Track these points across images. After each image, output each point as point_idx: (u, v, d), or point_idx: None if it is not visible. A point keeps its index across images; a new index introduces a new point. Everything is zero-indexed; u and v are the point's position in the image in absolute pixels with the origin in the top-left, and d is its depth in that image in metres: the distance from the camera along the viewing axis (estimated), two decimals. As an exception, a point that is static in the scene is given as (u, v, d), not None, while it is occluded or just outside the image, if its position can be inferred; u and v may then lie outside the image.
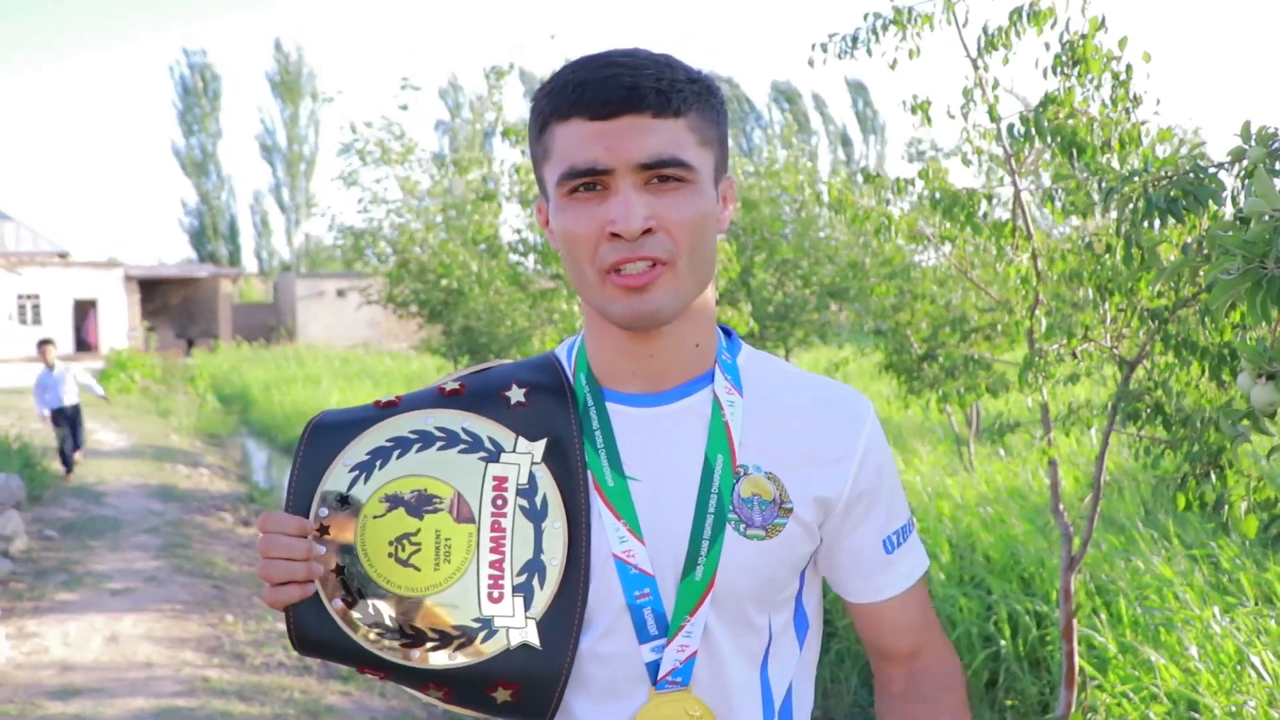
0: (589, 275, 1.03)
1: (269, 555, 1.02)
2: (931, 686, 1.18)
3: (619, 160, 0.98)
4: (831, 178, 5.89)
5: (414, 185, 9.14)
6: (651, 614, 1.06)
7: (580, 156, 0.99)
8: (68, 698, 4.36)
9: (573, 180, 1.00)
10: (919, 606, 1.18)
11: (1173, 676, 3.40)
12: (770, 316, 7.86)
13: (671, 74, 1.01)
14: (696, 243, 1.02)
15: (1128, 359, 2.98)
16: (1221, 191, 1.94)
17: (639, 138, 0.98)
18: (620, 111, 0.98)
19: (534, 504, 1.07)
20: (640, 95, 0.98)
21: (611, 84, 0.98)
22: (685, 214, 1.01)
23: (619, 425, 1.10)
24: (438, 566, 1.06)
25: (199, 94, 46.27)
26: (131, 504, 8.80)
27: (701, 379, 1.11)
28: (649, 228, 0.99)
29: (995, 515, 5.23)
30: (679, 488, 1.08)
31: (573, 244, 1.02)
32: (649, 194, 1.00)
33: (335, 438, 1.10)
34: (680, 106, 1.00)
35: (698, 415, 1.10)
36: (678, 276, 1.02)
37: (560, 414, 1.11)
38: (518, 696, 1.07)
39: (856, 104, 52.41)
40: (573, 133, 1.00)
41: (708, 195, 1.03)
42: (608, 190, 1.00)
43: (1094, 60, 2.78)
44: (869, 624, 1.18)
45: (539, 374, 1.14)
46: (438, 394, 1.13)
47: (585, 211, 1.01)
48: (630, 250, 1.00)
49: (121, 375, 20.48)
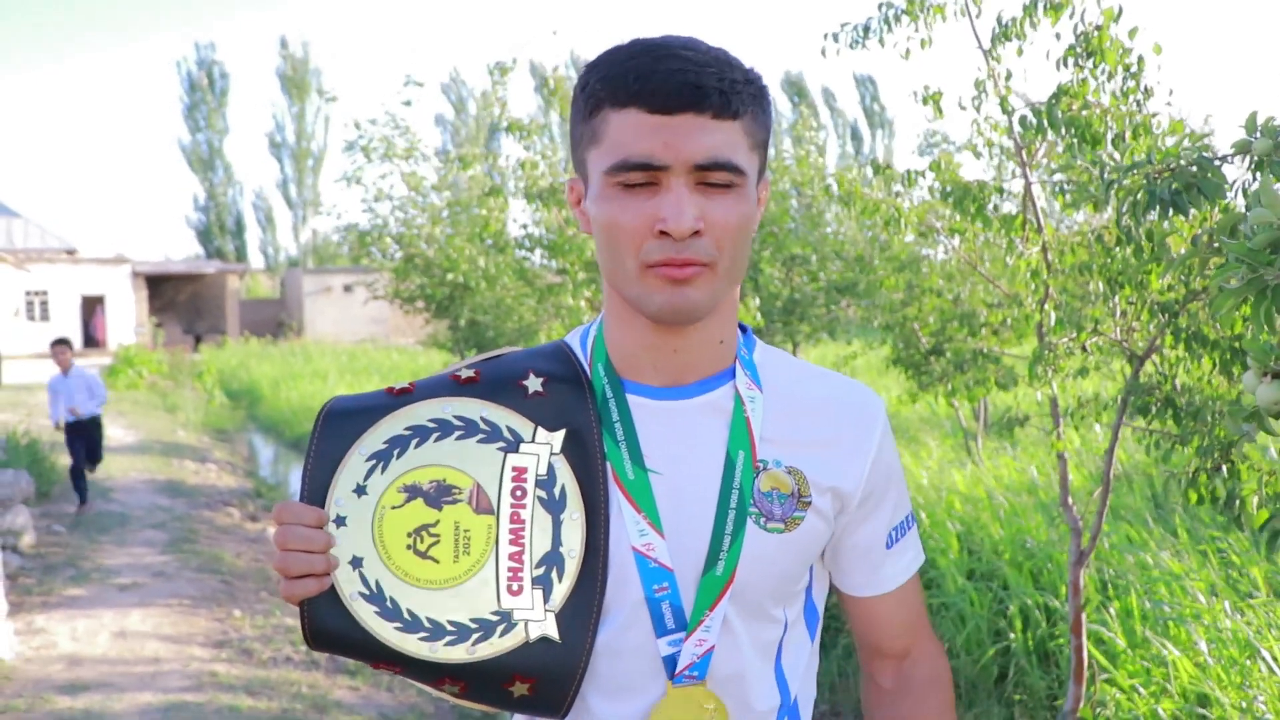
0: (629, 267, 1.02)
1: (286, 547, 1.00)
2: (920, 684, 1.19)
3: (676, 158, 0.97)
4: (840, 171, 5.86)
5: (419, 181, 9.14)
6: (669, 608, 1.05)
7: (637, 148, 0.98)
8: (76, 693, 4.37)
9: (625, 172, 0.99)
10: (913, 603, 1.19)
11: (1183, 670, 3.38)
12: (778, 312, 7.85)
13: (732, 73, 1.00)
14: (739, 246, 1.03)
15: (1138, 352, 2.96)
16: (1225, 185, 1.92)
17: (698, 137, 0.97)
18: (682, 108, 0.97)
19: (553, 495, 1.06)
20: (704, 94, 0.97)
21: (676, 79, 0.97)
22: (732, 219, 1.00)
23: (639, 417, 1.08)
24: (457, 559, 1.04)
25: (206, 90, 46.33)
26: (139, 499, 8.82)
27: (723, 375, 1.11)
28: (697, 229, 0.98)
29: (1006, 510, 5.21)
30: (700, 482, 1.07)
31: (615, 234, 1.01)
32: (699, 195, 0.99)
33: (350, 426, 1.07)
34: (739, 109, 0.99)
35: (719, 410, 1.09)
36: (716, 277, 1.02)
37: (579, 404, 1.09)
38: (535, 690, 1.05)
39: (864, 99, 52.26)
40: (629, 122, 0.98)
41: (752, 199, 1.03)
42: (659, 186, 0.99)
43: (1109, 52, 2.76)
44: (865, 617, 1.19)
45: (555, 363, 1.13)
46: (452, 382, 1.11)
47: (634, 205, 0.99)
48: (676, 251, 0.99)
49: (129, 371, 20.56)
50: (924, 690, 1.19)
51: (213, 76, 46.60)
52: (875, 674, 1.21)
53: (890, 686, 1.20)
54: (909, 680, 1.19)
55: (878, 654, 1.20)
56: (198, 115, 46.55)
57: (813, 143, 8.12)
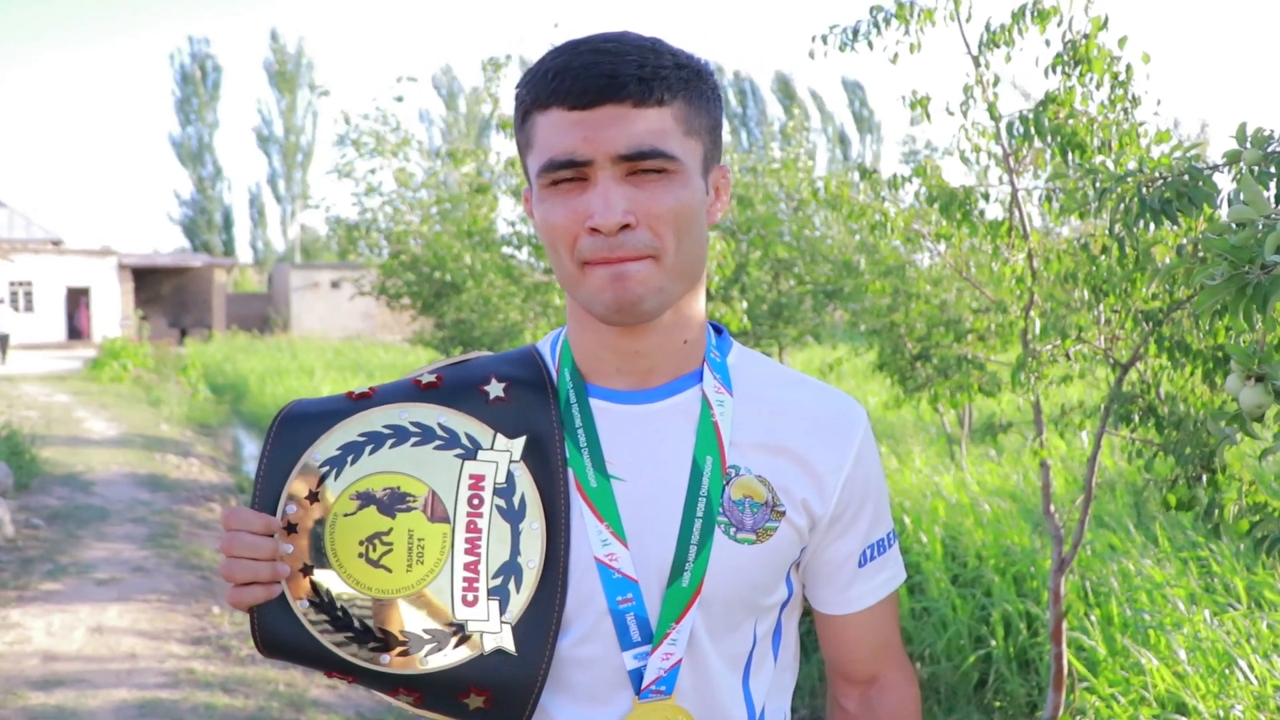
0: (569, 267, 1.00)
1: (231, 554, 0.98)
2: (885, 714, 1.14)
3: (597, 151, 0.95)
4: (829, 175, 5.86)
5: (409, 177, 9.10)
6: (635, 620, 1.02)
7: (559, 147, 0.96)
8: (50, 688, 4.32)
9: (552, 172, 0.97)
10: (886, 626, 1.14)
11: (1162, 679, 3.39)
12: (764, 315, 7.84)
13: (656, 60, 0.96)
14: (682, 235, 0.98)
15: (1121, 361, 2.96)
16: (1216, 194, 1.92)
17: (618, 128, 0.95)
18: (599, 101, 0.95)
19: (511, 504, 1.03)
20: (620, 84, 0.94)
21: (591, 72, 0.95)
22: (666, 205, 0.97)
23: (603, 423, 1.06)
24: (410, 568, 1.02)
25: (198, 83, 46.18)
26: (120, 493, 8.75)
27: (690, 377, 1.07)
28: (628, 223, 0.95)
29: (990, 516, 5.22)
30: (665, 489, 1.04)
31: (552, 235, 0.99)
32: (630, 186, 0.96)
33: (305, 432, 1.05)
34: (664, 95, 0.96)
35: (685, 414, 1.06)
36: (664, 271, 0.98)
37: (541, 410, 1.07)
38: (491, 703, 1.03)
39: (853, 104, 52.39)
40: (552, 122, 0.97)
41: (694, 186, 0.99)
42: (587, 182, 0.97)
43: (1096, 60, 2.76)
44: (832, 637, 1.15)
45: (519, 368, 1.10)
46: (413, 386, 1.09)
47: (564, 203, 0.98)
48: (610, 248, 0.96)
49: (114, 364, 20.41)
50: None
51: (205, 70, 46.45)
52: (840, 697, 1.16)
53: (855, 710, 1.15)
54: (874, 710, 1.14)
55: (843, 677, 1.16)
56: (189, 108, 46.41)
57: (801, 145, 8.11)
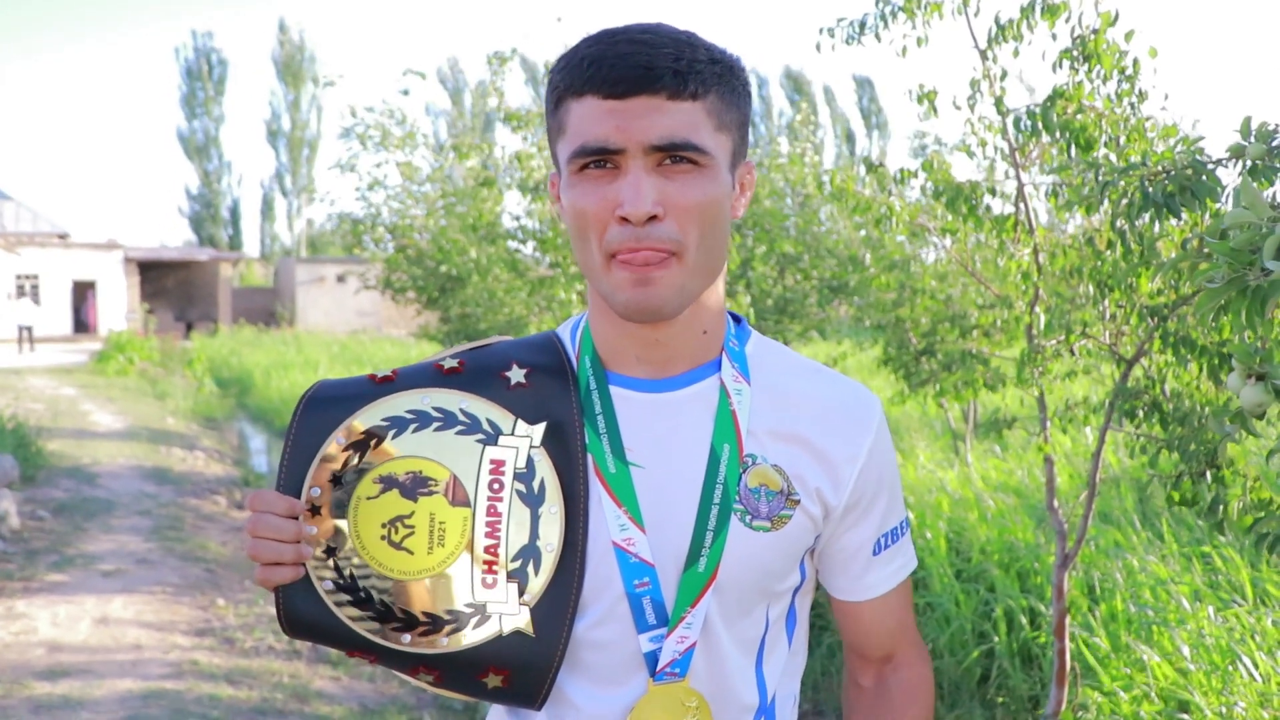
0: (595, 257, 1.01)
1: (256, 535, 1.01)
2: (900, 691, 1.18)
3: (630, 140, 0.97)
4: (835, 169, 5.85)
5: (414, 171, 9.09)
6: (650, 603, 1.04)
7: (592, 134, 0.98)
8: (56, 678, 4.34)
9: (584, 158, 0.99)
10: (900, 609, 1.18)
11: (1165, 675, 3.38)
12: (769, 310, 7.83)
13: (691, 54, 0.98)
14: (706, 229, 1.00)
15: (1126, 356, 2.96)
16: (1220, 189, 1.91)
17: (652, 119, 0.96)
18: (634, 91, 0.96)
19: (531, 488, 1.06)
20: (656, 75, 0.96)
21: (627, 62, 0.96)
22: (694, 198, 0.98)
23: (622, 410, 1.07)
24: (431, 550, 1.04)
25: (204, 78, 46.24)
26: (125, 486, 8.78)
27: (709, 366, 1.09)
28: (656, 214, 0.97)
29: (994, 511, 5.21)
30: (683, 476, 1.06)
31: (582, 221, 1.01)
32: (659, 177, 0.98)
33: (329, 415, 1.07)
34: (698, 89, 0.98)
35: (704, 403, 1.08)
36: (685, 270, 1.00)
37: (561, 396, 1.08)
38: (509, 682, 1.06)
39: (861, 99, 52.30)
40: (586, 110, 0.98)
41: (721, 181, 1.01)
42: (618, 170, 0.98)
43: (1105, 55, 2.75)
44: (848, 620, 1.19)
45: (540, 354, 1.12)
46: (435, 371, 1.10)
47: (594, 190, 0.99)
48: (637, 239, 0.98)
49: (120, 357, 20.47)
50: (904, 699, 1.18)
51: (211, 64, 46.50)
52: (857, 674, 1.21)
53: (871, 688, 1.19)
54: (889, 687, 1.18)
55: (860, 656, 1.20)
56: (195, 102, 46.45)
57: (809, 140, 8.09)
